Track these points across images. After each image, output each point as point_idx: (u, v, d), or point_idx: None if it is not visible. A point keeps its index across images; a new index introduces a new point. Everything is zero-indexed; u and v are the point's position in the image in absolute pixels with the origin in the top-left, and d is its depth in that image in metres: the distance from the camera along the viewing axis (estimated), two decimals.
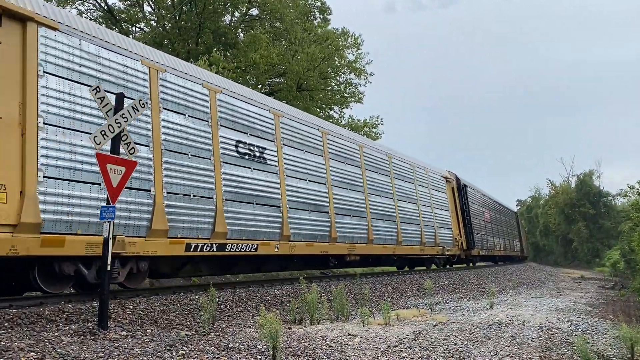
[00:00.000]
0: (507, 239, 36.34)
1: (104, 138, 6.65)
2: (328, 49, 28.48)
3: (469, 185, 26.82)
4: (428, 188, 20.93)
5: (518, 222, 44.81)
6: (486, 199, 31.41)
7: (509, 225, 38.90)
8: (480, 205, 28.79)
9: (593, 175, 63.88)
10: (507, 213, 39.48)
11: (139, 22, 27.73)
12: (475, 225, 26.14)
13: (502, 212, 36.34)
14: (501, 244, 33.16)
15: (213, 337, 6.53)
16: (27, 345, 5.17)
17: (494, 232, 31.25)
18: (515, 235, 40.97)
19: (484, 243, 27.36)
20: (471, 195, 26.70)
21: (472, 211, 25.91)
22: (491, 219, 31.05)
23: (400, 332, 7.56)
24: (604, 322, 9.86)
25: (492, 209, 32.55)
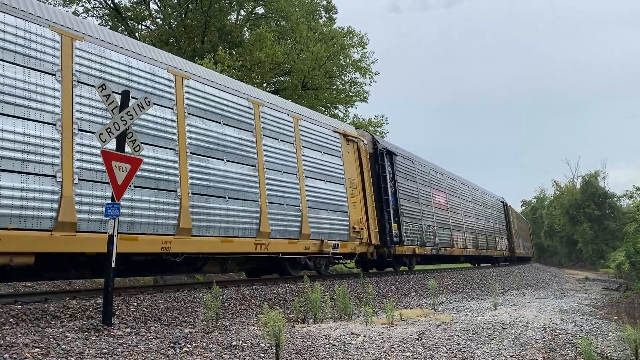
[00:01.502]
0: (485, 234, 28.78)
1: (110, 135, 6.67)
2: (333, 48, 28.46)
3: (398, 153, 18.51)
4: (294, 145, 12.81)
5: (508, 213, 37.10)
6: (440, 178, 23.18)
7: (491, 217, 31.51)
8: (425, 185, 20.88)
9: (598, 176, 63.73)
10: (487, 201, 31.50)
11: (144, 20, 27.80)
12: (409, 211, 18.34)
13: (476, 199, 28.67)
14: (470, 240, 25.43)
15: (216, 335, 6.55)
16: (32, 341, 5.20)
17: (454, 224, 23.38)
18: (500, 230, 33.51)
19: (426, 238, 19.63)
20: (403, 167, 18.77)
21: (402, 191, 18.06)
22: (450, 206, 23.34)
23: (403, 331, 7.56)
24: (608, 323, 9.83)
25: (454, 193, 24.65)
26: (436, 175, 22.71)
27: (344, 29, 30.38)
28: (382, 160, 16.97)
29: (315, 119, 14.12)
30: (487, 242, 28.95)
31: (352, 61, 30.63)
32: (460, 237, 24.08)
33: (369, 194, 15.83)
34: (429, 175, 21.69)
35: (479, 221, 28.04)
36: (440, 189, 22.74)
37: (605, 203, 60.88)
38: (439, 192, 22.37)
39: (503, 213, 35.50)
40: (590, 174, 64.08)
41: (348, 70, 31.02)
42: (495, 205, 33.74)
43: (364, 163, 16.02)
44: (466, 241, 24.88)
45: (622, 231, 46.26)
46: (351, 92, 31.51)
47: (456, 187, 25.40)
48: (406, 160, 19.36)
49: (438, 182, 22.68)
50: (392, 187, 17.46)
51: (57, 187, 7.55)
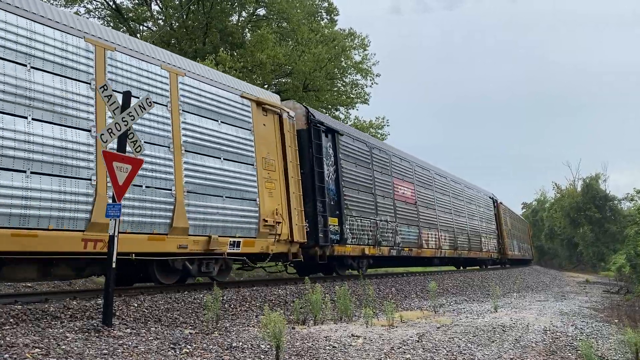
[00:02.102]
0: (467, 233, 25.05)
1: (111, 136, 6.68)
2: (335, 50, 28.48)
3: (344, 132, 15.40)
4: (168, 108, 9.70)
5: (498, 211, 33.16)
6: (406, 166, 19.40)
7: (476, 215, 27.68)
8: (385, 173, 17.46)
9: (599, 178, 63.70)
10: (471, 197, 27.82)
11: (146, 21, 27.84)
12: (357, 203, 15.12)
13: (456, 194, 25.06)
14: (447, 240, 22.06)
15: (217, 336, 6.54)
16: (32, 342, 5.20)
17: (425, 220, 19.98)
18: (488, 229, 29.64)
19: (383, 236, 16.37)
20: (351, 150, 15.39)
21: (349, 178, 14.93)
22: (419, 200, 19.80)
23: (403, 333, 7.55)
24: (608, 326, 9.82)
25: (425, 185, 21.12)
26: (400, 164, 18.92)
27: (346, 30, 30.43)
28: (319, 139, 13.47)
29: (210, 78, 10.82)
30: (470, 242, 25.21)
31: (354, 63, 30.65)
32: (433, 236, 20.50)
33: (293, 180, 12.47)
34: (390, 163, 17.98)
35: (459, 218, 24.24)
36: (406, 179, 18.97)
37: (606, 206, 60.84)
38: (404, 183, 18.52)
39: (492, 211, 31.94)
40: (591, 176, 64.08)
41: (349, 72, 31.05)
42: (483, 202, 30.10)
43: (289, 140, 12.60)
44: (441, 241, 21.24)
45: (622, 234, 46.21)
46: (352, 94, 31.53)
47: (429, 179, 21.55)
48: (356, 143, 15.92)
49: (403, 171, 18.92)
50: (332, 173, 14.13)
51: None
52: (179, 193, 9.48)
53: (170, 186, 9.33)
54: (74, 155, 7.89)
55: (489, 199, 31.89)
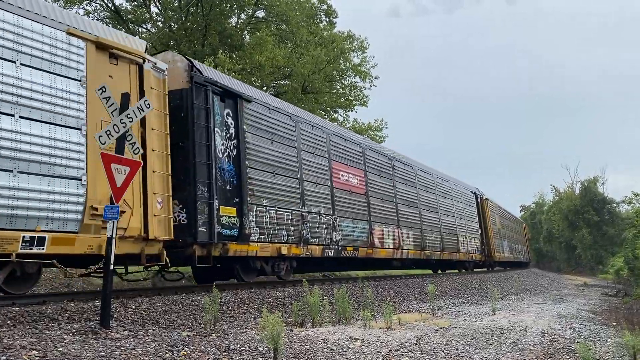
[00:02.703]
0: (439, 231, 21.73)
1: (109, 138, 6.68)
2: (333, 52, 28.54)
3: (253, 98, 12.14)
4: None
5: (482, 208, 29.54)
6: (352, 150, 16.15)
7: (452, 211, 24.23)
8: (319, 154, 14.16)
9: (597, 181, 63.79)
10: (447, 190, 24.33)
11: (145, 22, 27.86)
12: (269, 190, 11.93)
13: (425, 185, 21.58)
14: (410, 239, 18.74)
15: (214, 338, 6.54)
16: (29, 344, 5.19)
17: (379, 214, 16.67)
18: (468, 227, 25.96)
19: (313, 232, 13.17)
20: (264, 122, 12.24)
21: (257, 157, 11.71)
22: (371, 190, 16.49)
23: (401, 336, 7.55)
24: (606, 329, 9.83)
25: (381, 173, 17.66)
26: (344, 146, 15.58)
27: (344, 33, 30.47)
28: (206, 103, 10.36)
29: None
30: (443, 241, 21.74)
31: (352, 65, 30.72)
32: (390, 234, 17.04)
33: (156, 155, 9.15)
34: (329, 143, 14.62)
35: (429, 214, 20.95)
36: (352, 164, 15.64)
37: (604, 209, 60.92)
38: (349, 169, 15.28)
39: (474, 207, 28.21)
40: (589, 179, 64.15)
41: (348, 74, 31.11)
42: (463, 197, 26.46)
43: (157, 102, 9.32)
44: (402, 239, 17.78)
45: (621, 237, 46.32)
46: (351, 96, 31.58)
47: (386, 166, 18.09)
48: (275, 114, 12.58)
49: (349, 155, 15.63)
50: (231, 149, 11.05)
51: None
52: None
53: None
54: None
55: (471, 194, 28.32)
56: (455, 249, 23.17)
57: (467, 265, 26.48)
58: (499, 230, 32.92)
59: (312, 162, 13.81)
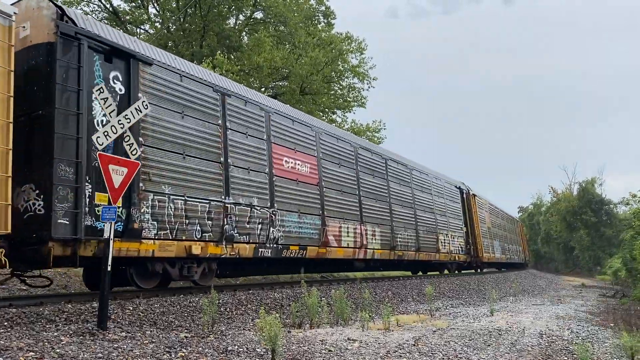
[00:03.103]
0: (415, 229, 19.14)
1: (107, 139, 6.67)
2: (332, 53, 28.55)
3: (142, 56, 9.38)
4: None
5: (468, 204, 26.84)
6: (301, 133, 13.79)
7: (431, 207, 21.43)
8: (253, 135, 11.81)
9: (595, 182, 63.84)
10: (424, 184, 21.45)
11: (143, 23, 27.83)
12: (172, 173, 9.51)
13: (397, 177, 18.92)
14: (377, 237, 16.30)
15: (212, 340, 6.52)
16: (27, 345, 5.17)
17: (335, 208, 14.30)
18: (450, 225, 23.21)
19: (241, 228, 10.90)
20: (174, 90, 9.93)
21: (150, 130, 9.16)
22: (325, 180, 14.20)
23: (399, 337, 7.54)
24: (604, 330, 9.84)
25: (340, 161, 15.25)
26: (290, 127, 13.17)
27: (342, 34, 30.50)
28: (81, 62, 8.10)
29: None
30: (419, 240, 19.21)
31: (351, 66, 30.73)
32: (350, 231, 14.76)
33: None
34: (268, 122, 12.33)
35: (402, 210, 18.43)
36: (301, 149, 13.35)
37: (602, 210, 61.00)
38: (295, 155, 13.07)
39: (459, 203, 25.46)
40: (587, 180, 64.22)
41: (346, 76, 31.12)
42: (445, 192, 23.79)
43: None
44: (366, 237, 15.53)
45: (618, 238, 46.36)
46: (349, 98, 31.60)
47: (345, 154, 15.57)
48: (187, 82, 10.16)
49: (296, 139, 13.27)
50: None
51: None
52: None
53: None
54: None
55: (455, 189, 25.58)
56: (433, 249, 20.62)
57: (449, 267, 23.99)
58: (489, 229, 30.27)
59: (244, 144, 11.46)
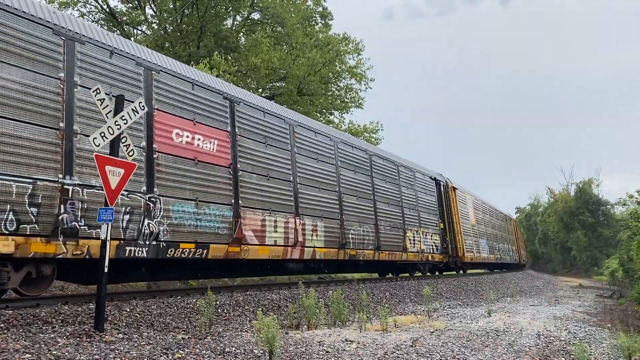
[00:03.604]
0: (374, 224, 16.39)
1: (103, 140, 6.65)
2: (329, 54, 28.54)
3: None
4: None
5: (446, 197, 23.92)
6: (207, 99, 10.77)
7: (397, 200, 18.53)
8: (112, 93, 8.22)
9: (592, 183, 63.93)
10: (388, 173, 18.36)
11: (140, 24, 27.80)
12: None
13: (352, 164, 15.99)
14: (320, 232, 13.55)
15: (210, 341, 6.51)
16: (23, 347, 5.15)
17: (252, 196, 11.39)
18: (423, 221, 20.34)
19: (80, 220, 7.69)
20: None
21: None
22: (243, 163, 11.36)
23: (397, 338, 7.54)
24: (602, 330, 9.84)
25: (267, 140, 12.31)
26: (183, 91, 10.18)
27: (340, 35, 30.51)
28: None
29: None
30: (379, 237, 16.38)
31: (348, 67, 30.72)
32: (279, 225, 11.94)
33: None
34: (148, 82, 9.47)
35: (357, 202, 15.53)
36: (202, 120, 10.40)
37: (599, 210, 61.11)
38: (195, 127, 10.17)
39: (434, 196, 22.29)
40: (584, 181, 64.32)
41: (343, 77, 31.11)
42: (417, 183, 20.59)
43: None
44: (303, 233, 12.71)
45: (615, 238, 46.45)
46: (347, 98, 31.59)
47: (277, 132, 12.66)
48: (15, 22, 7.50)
49: (193, 105, 10.28)
50: None
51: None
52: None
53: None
54: None
55: (430, 180, 22.32)
56: (399, 248, 17.75)
57: (420, 268, 21.01)
58: (473, 226, 27.45)
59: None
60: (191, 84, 10.43)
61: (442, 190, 23.43)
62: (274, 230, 11.82)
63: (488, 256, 29.82)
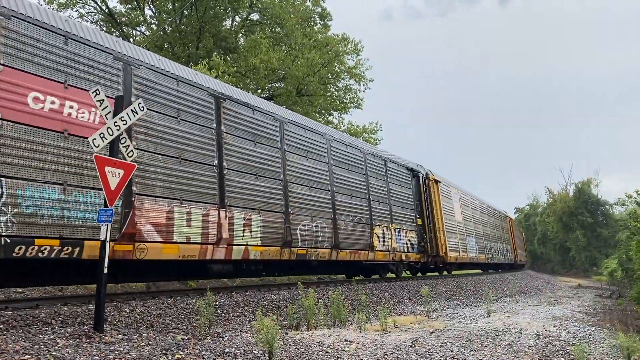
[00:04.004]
0: (329, 219, 13.75)
1: (103, 141, 6.65)
2: (328, 55, 28.55)
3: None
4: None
5: (426, 191, 21.29)
6: (101, 60, 8.36)
7: (363, 192, 16.00)
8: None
9: (591, 183, 64.01)
10: (355, 161, 16.03)
11: (139, 25, 27.80)
12: None
13: (302, 148, 13.41)
14: (255, 226, 11.08)
15: (209, 342, 6.51)
16: (23, 348, 5.15)
17: (153, 180, 8.90)
18: (398, 217, 18.06)
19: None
20: None
21: None
22: (140, 137, 8.76)
23: (397, 338, 7.54)
24: (601, 330, 9.85)
25: (182, 111, 9.73)
26: (38, 40, 7.59)
27: (339, 36, 30.52)
28: None
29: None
30: (337, 233, 13.83)
31: (347, 68, 30.73)
32: (195, 218, 9.66)
33: None
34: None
35: (309, 192, 13.06)
36: (74, 82, 7.90)
37: (598, 210, 61.18)
38: (67, 92, 7.77)
39: (411, 189, 19.65)
40: (583, 181, 64.39)
41: (343, 77, 31.12)
42: (389, 173, 18.13)
43: None
44: (227, 229, 10.31)
45: (614, 238, 46.50)
46: (346, 99, 31.59)
47: (197, 104, 10.22)
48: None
49: (49, 60, 7.67)
50: None
51: None
52: None
53: None
54: None
55: (406, 171, 19.72)
56: (364, 246, 15.22)
57: (392, 268, 18.54)
58: (460, 223, 25.09)
59: None
60: (66, 38, 8.18)
61: (421, 182, 20.88)
62: (187, 224, 9.45)
63: (477, 256, 27.32)
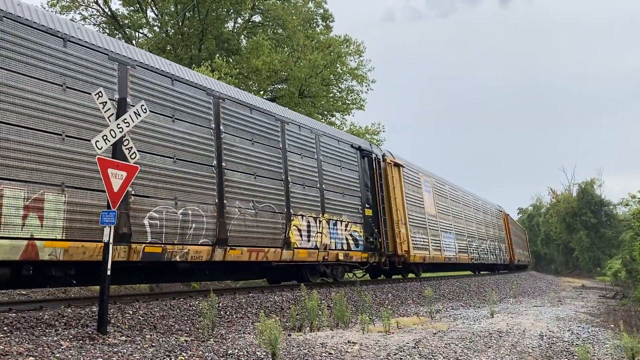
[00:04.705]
0: (212, 203, 9.78)
1: (106, 143, 6.67)
2: (330, 56, 28.57)
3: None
4: None
5: (380, 176, 16.92)
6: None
7: (276, 179, 11.80)
8: None
9: (594, 184, 63.93)
10: (264, 134, 11.72)
11: (142, 27, 27.88)
12: None
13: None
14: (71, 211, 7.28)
15: (212, 343, 6.51)
16: (26, 350, 5.16)
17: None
18: (336, 207, 14.15)
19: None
20: None
21: None
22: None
23: (400, 339, 7.53)
24: (605, 331, 9.83)
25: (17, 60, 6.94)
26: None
27: (341, 37, 30.54)
28: None
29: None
30: (222, 225, 9.94)
31: (349, 69, 30.74)
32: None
33: None
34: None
35: (176, 167, 9.19)
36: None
37: (601, 211, 61.08)
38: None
39: (358, 172, 15.74)
40: (586, 181, 64.31)
41: (345, 78, 31.13)
42: (325, 152, 14.25)
43: None
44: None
45: (618, 239, 46.38)
46: (348, 100, 31.60)
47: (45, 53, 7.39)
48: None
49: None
50: None
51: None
52: None
53: None
54: None
55: (352, 150, 15.88)
56: (275, 242, 11.60)
57: (324, 271, 14.43)
58: (431, 216, 20.90)
59: None
60: None
61: (374, 165, 16.79)
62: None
63: (457, 255, 23.07)
